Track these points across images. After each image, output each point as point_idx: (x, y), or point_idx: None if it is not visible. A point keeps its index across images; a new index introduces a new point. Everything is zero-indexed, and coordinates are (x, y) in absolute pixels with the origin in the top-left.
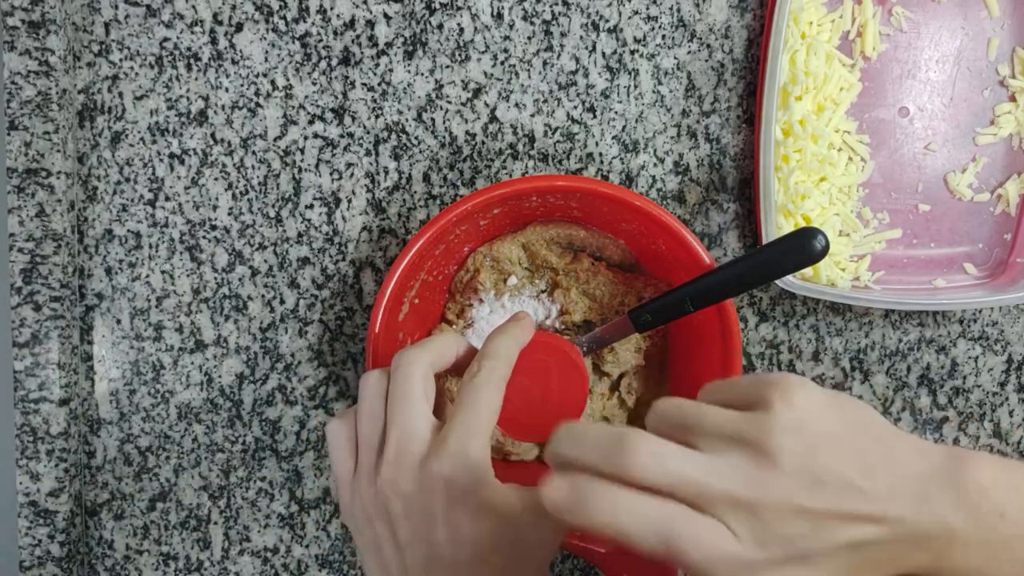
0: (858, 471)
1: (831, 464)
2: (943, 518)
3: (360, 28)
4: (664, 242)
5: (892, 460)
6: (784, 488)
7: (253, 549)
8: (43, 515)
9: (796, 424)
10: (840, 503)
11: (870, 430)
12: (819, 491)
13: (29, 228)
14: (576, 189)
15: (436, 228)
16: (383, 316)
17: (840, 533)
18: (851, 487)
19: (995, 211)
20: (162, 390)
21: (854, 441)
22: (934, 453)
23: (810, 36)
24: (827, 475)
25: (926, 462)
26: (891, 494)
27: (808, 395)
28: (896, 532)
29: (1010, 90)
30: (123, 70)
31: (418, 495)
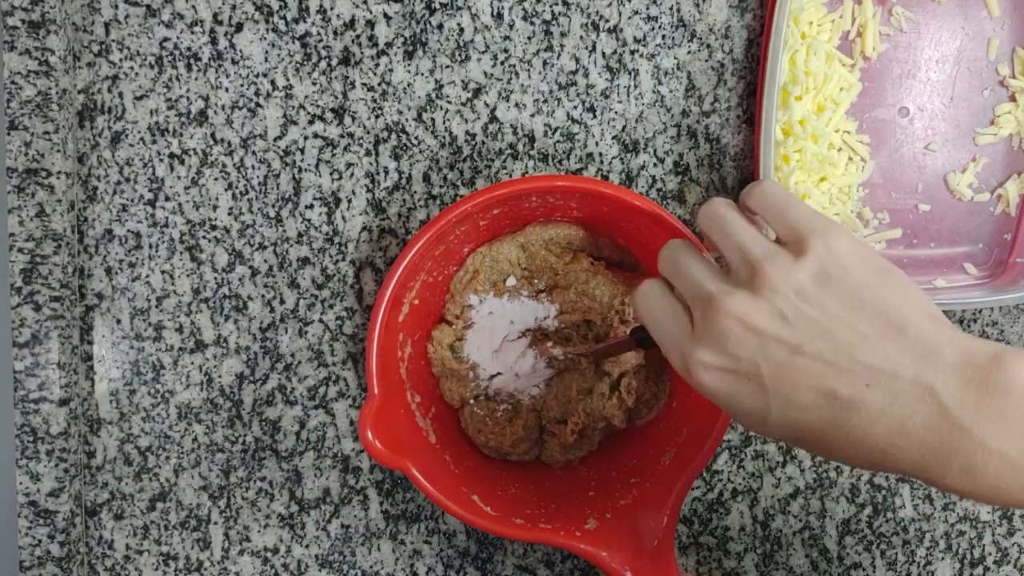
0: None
1: (815, 304)
2: (954, 414)
3: (360, 28)
4: (664, 242)
5: (903, 338)
6: (757, 305)
7: (253, 549)
8: (43, 515)
9: (817, 275)
10: (808, 346)
11: (900, 294)
12: (787, 325)
13: (29, 228)
14: (576, 189)
15: (436, 229)
16: (383, 317)
17: (795, 371)
18: (830, 328)
19: (995, 211)
20: (162, 390)
21: (870, 292)
22: (971, 343)
23: (810, 36)
24: (807, 309)
25: (954, 353)
26: (876, 372)
27: (839, 246)
28: (872, 412)
29: (1010, 90)
30: (123, 70)
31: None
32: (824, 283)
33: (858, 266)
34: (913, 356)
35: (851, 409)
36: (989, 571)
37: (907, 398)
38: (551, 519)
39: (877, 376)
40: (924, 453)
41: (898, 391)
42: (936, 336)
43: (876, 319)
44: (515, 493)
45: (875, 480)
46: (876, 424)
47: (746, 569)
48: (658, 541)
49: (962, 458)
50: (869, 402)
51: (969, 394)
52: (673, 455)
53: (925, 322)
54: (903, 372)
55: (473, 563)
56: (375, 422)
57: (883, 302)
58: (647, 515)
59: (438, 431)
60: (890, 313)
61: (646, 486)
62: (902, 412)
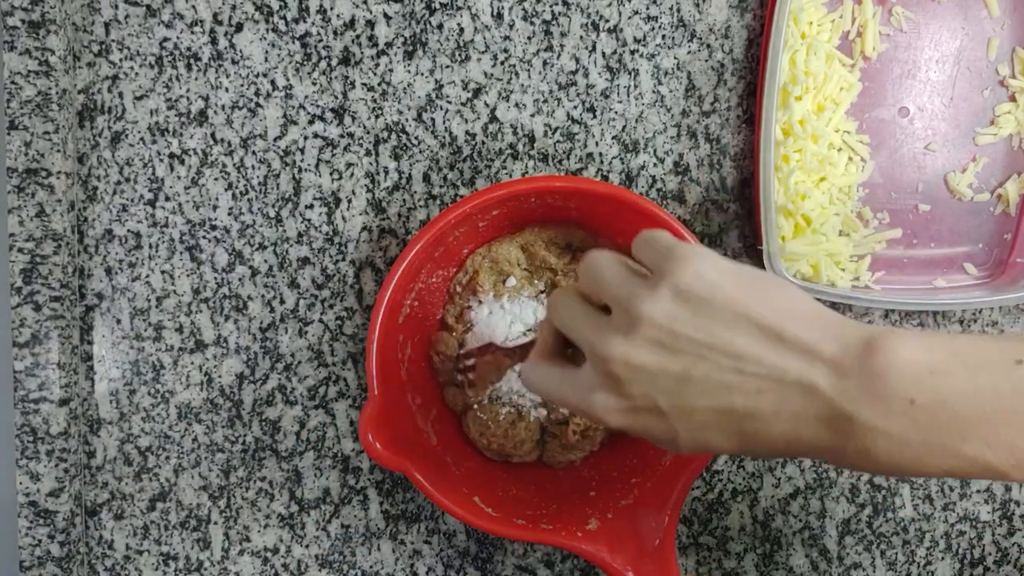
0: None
1: (690, 328)
2: (838, 404)
3: (360, 28)
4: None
5: (781, 343)
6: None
7: (253, 549)
8: (43, 515)
9: (676, 294)
10: (694, 370)
11: (772, 301)
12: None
13: (29, 228)
14: (575, 190)
15: (435, 230)
16: (382, 318)
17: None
18: (711, 349)
19: (995, 211)
20: (162, 390)
21: (741, 307)
22: (847, 332)
23: (810, 36)
24: (683, 335)
25: (833, 342)
26: (763, 380)
27: (701, 267)
28: (768, 415)
29: (1010, 90)
30: (123, 70)
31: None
32: (694, 305)
33: (725, 282)
34: (794, 358)
35: (749, 417)
36: (989, 571)
37: (796, 397)
38: (552, 519)
39: (764, 383)
40: (823, 441)
41: (786, 393)
42: (813, 335)
43: (753, 330)
44: (516, 494)
45: (875, 480)
46: (774, 425)
47: (746, 569)
48: (659, 541)
49: (855, 441)
50: (763, 408)
51: (849, 384)
52: (673, 455)
53: (802, 323)
54: (787, 376)
55: (473, 563)
56: (376, 424)
57: (757, 312)
58: (648, 515)
59: (439, 432)
60: (766, 321)
61: (647, 486)
62: (794, 411)
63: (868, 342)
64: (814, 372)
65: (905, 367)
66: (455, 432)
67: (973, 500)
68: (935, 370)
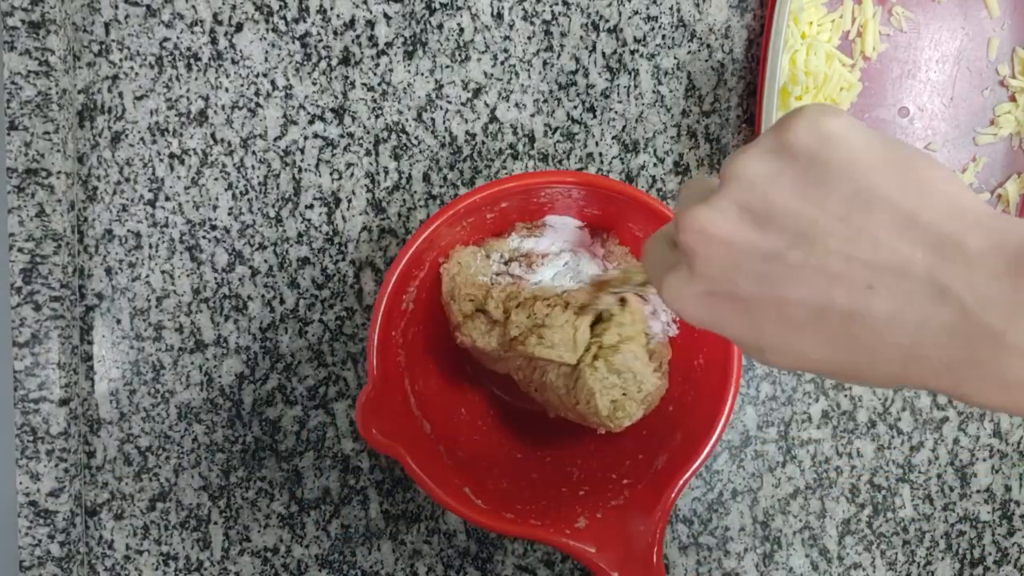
0: (840, 226)
1: (791, 195)
2: (978, 315)
3: (360, 28)
4: None
5: (913, 227)
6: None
7: (253, 549)
8: (43, 515)
9: (782, 148)
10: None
11: (908, 175)
12: (759, 226)
13: (29, 228)
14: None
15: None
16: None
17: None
18: (815, 224)
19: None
20: (162, 390)
21: (865, 175)
22: (1005, 227)
23: (810, 36)
24: (781, 202)
25: (982, 236)
26: (879, 271)
27: (823, 119)
28: (880, 319)
29: (1010, 90)
30: (123, 70)
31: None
32: (802, 165)
33: (851, 143)
34: (928, 249)
35: (854, 320)
36: (989, 571)
37: (921, 300)
38: (541, 516)
39: (880, 276)
40: (950, 365)
41: (909, 292)
42: (958, 223)
43: (876, 206)
44: (506, 488)
45: (875, 480)
46: (886, 335)
47: (746, 569)
48: (648, 544)
49: (997, 368)
50: (874, 309)
51: (999, 290)
52: (666, 459)
53: (944, 208)
54: (913, 268)
55: (473, 563)
56: (373, 407)
57: (885, 185)
58: (638, 517)
59: (433, 421)
60: (895, 198)
61: (638, 488)
62: (916, 317)
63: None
64: (950, 269)
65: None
66: (449, 421)
67: (973, 500)
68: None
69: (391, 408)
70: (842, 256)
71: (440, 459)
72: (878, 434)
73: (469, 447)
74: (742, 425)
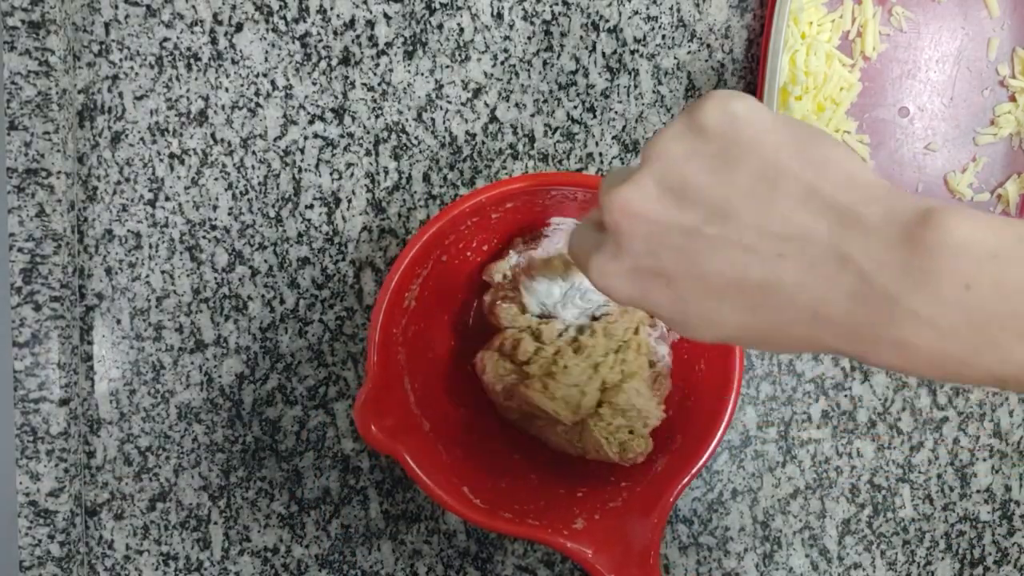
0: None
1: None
2: (876, 280)
3: (360, 28)
4: None
5: (816, 200)
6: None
7: (253, 549)
8: (43, 515)
9: (696, 130)
10: (706, 226)
11: (811, 153)
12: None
13: (29, 228)
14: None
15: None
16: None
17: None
18: (727, 200)
19: (995, 211)
20: (162, 390)
21: (772, 154)
22: (898, 201)
23: (810, 36)
24: (697, 181)
25: (877, 208)
26: (786, 240)
27: (732, 103)
28: (789, 286)
29: (1010, 90)
30: (123, 70)
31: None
32: (716, 146)
33: (758, 124)
34: (829, 220)
35: (767, 288)
36: (989, 571)
37: (825, 267)
38: (539, 516)
39: (787, 245)
40: (852, 328)
41: (814, 261)
42: (856, 195)
43: (782, 181)
44: (504, 488)
45: (875, 480)
46: (796, 299)
47: (746, 569)
48: (646, 547)
49: (893, 330)
50: (784, 277)
51: (893, 257)
52: (665, 462)
53: (844, 183)
54: (816, 237)
55: (473, 563)
56: (372, 404)
57: (789, 162)
58: (636, 520)
59: (432, 419)
60: (799, 173)
61: (637, 490)
62: (822, 283)
63: (922, 213)
64: (850, 238)
65: (962, 246)
66: (448, 420)
67: (973, 500)
68: (998, 255)
69: (390, 406)
70: (753, 228)
71: (439, 458)
72: (878, 434)
73: (468, 446)
74: (742, 425)
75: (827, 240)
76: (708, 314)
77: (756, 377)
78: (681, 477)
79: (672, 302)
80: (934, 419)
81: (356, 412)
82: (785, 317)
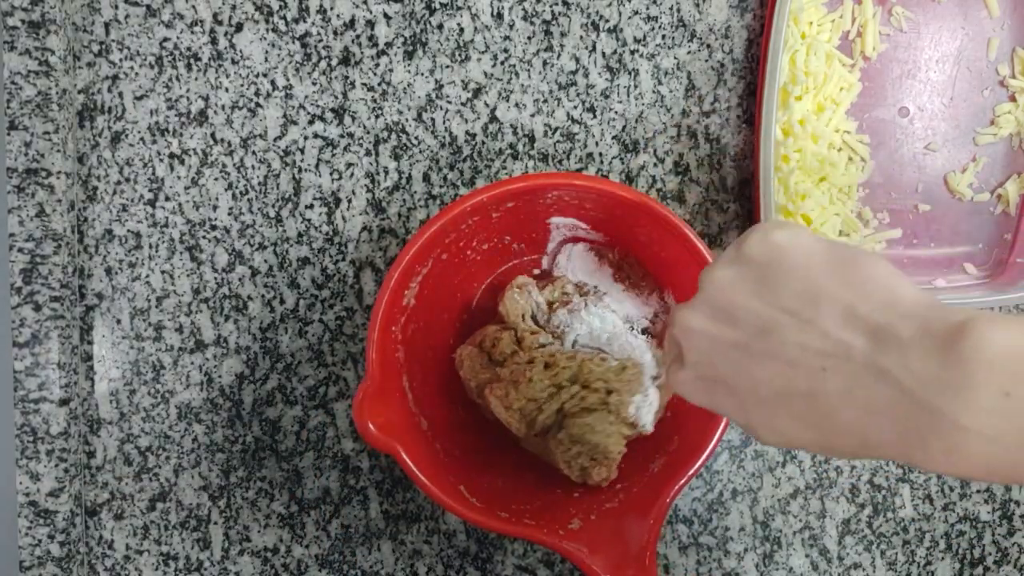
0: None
1: (748, 295)
2: (915, 393)
3: (360, 28)
4: (675, 252)
5: (853, 318)
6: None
7: (253, 549)
8: (43, 515)
9: (740, 259)
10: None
11: (848, 275)
12: (729, 323)
13: (29, 228)
14: (592, 189)
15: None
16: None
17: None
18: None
19: (995, 211)
20: (162, 390)
21: (810, 277)
22: (933, 315)
23: (810, 36)
24: (742, 302)
25: (911, 324)
26: (827, 356)
27: (772, 233)
28: (834, 397)
29: (1010, 90)
30: (123, 70)
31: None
32: (756, 271)
33: (796, 250)
34: (866, 336)
35: (814, 398)
36: (989, 571)
37: (866, 381)
38: (536, 516)
39: (828, 361)
40: (902, 436)
41: (855, 376)
42: (892, 312)
43: (822, 301)
44: (501, 487)
45: (875, 480)
46: (843, 410)
47: (746, 569)
48: (641, 548)
49: (941, 441)
50: (829, 389)
51: (930, 369)
52: (663, 463)
53: (879, 301)
54: (854, 354)
55: (473, 563)
56: (370, 402)
57: (827, 284)
58: (632, 521)
59: (429, 418)
60: (839, 294)
61: (633, 491)
62: (866, 395)
63: (957, 326)
64: (885, 354)
65: (998, 355)
66: (446, 419)
67: (973, 500)
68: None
69: (388, 403)
70: (796, 345)
71: (436, 456)
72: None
73: (465, 446)
74: None
75: (864, 356)
76: (767, 421)
77: None
78: (678, 479)
79: (736, 408)
80: None
81: (354, 409)
82: (835, 427)
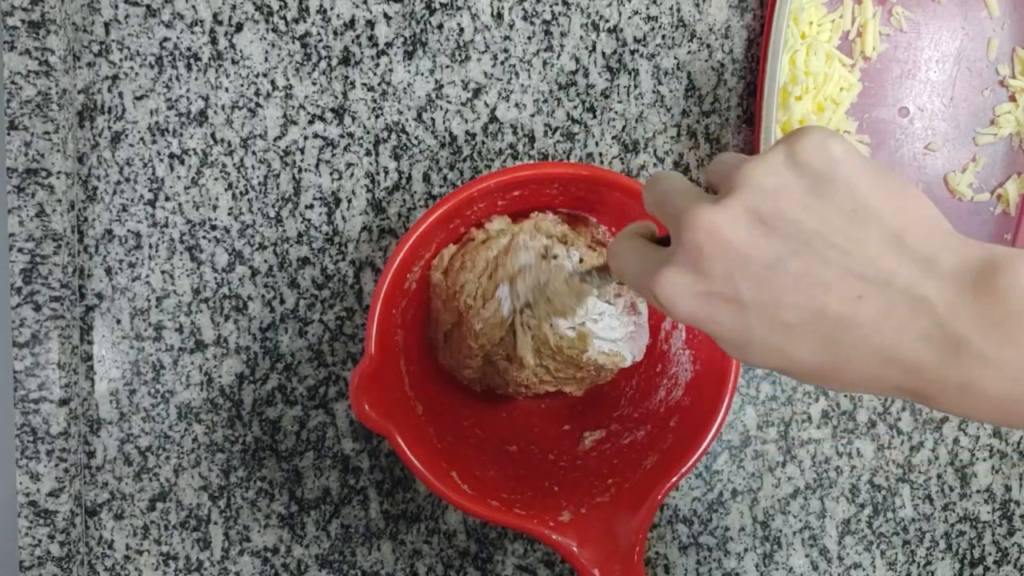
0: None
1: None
2: (949, 323)
3: (360, 28)
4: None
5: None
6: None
7: (253, 549)
8: (43, 515)
9: (793, 162)
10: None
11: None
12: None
13: (29, 228)
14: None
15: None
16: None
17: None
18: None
19: (995, 211)
20: (162, 390)
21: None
22: (969, 248)
23: (810, 36)
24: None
25: (952, 255)
26: (868, 282)
27: (828, 141)
28: (865, 326)
29: (1010, 90)
30: (123, 70)
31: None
32: (810, 180)
33: (853, 164)
34: (910, 265)
35: (842, 326)
36: (989, 571)
37: (902, 309)
38: (526, 506)
39: (869, 287)
40: (919, 370)
41: (892, 302)
42: (934, 243)
43: (871, 223)
44: (493, 476)
45: (875, 480)
46: (869, 340)
47: (746, 569)
48: (631, 543)
49: (960, 372)
50: (862, 316)
51: (965, 301)
52: (655, 461)
53: (925, 229)
54: (897, 281)
55: (473, 563)
56: (367, 382)
57: (879, 205)
58: (622, 516)
59: (424, 403)
60: (888, 219)
61: (625, 487)
62: (897, 324)
63: (991, 261)
64: (929, 283)
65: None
66: (441, 406)
67: (973, 500)
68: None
69: (385, 386)
70: (837, 266)
71: (430, 441)
72: (878, 434)
73: (458, 432)
74: (742, 425)
75: (906, 284)
76: (773, 343)
77: (756, 377)
78: (670, 476)
79: (735, 327)
80: (934, 419)
81: (351, 388)
82: (855, 354)
